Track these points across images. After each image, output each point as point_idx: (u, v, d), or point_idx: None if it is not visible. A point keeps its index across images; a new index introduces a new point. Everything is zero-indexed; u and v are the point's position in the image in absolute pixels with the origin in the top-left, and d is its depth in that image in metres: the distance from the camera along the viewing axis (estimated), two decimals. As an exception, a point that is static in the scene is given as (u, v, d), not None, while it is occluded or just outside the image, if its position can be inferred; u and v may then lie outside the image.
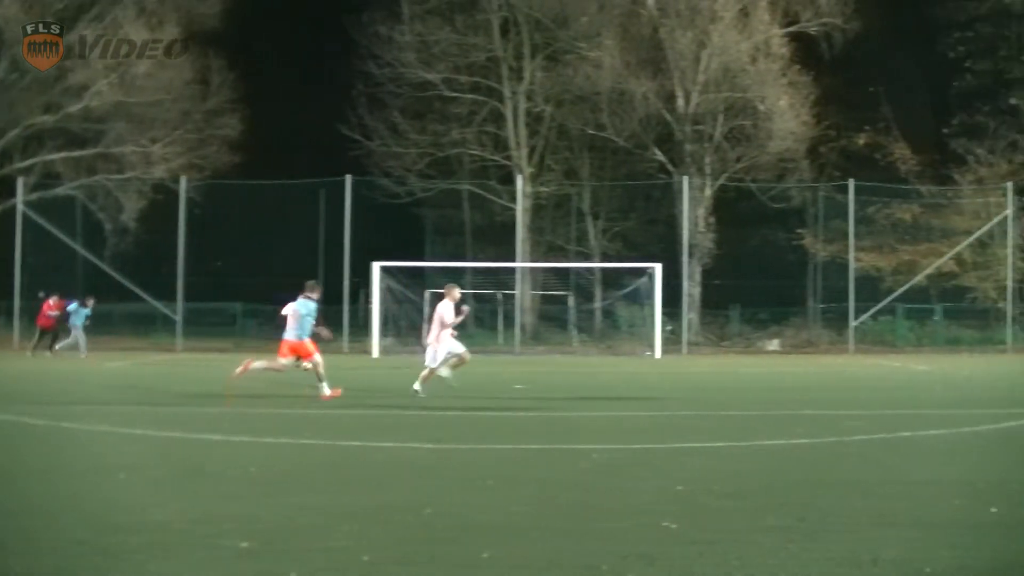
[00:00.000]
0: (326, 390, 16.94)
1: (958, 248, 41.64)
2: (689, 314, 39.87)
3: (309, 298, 17.37)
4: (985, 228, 41.56)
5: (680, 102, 41.01)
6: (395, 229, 44.16)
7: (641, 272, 37.61)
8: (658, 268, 36.10)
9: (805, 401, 18.44)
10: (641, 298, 38.00)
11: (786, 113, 40.17)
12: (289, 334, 17.23)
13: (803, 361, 34.09)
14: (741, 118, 41.09)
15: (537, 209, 43.22)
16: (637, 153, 42.01)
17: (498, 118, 42.68)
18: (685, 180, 39.69)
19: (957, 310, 42.39)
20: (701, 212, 41.06)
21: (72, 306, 32.06)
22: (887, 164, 43.76)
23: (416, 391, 17.27)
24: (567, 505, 8.22)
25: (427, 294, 40.00)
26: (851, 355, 37.62)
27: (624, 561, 6.23)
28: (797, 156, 41.47)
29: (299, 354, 17.26)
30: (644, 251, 40.68)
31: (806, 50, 42.14)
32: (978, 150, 43.06)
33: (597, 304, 43.18)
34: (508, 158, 42.43)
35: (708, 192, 41.45)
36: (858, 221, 40.84)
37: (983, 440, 12.98)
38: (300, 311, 17.19)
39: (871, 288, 40.90)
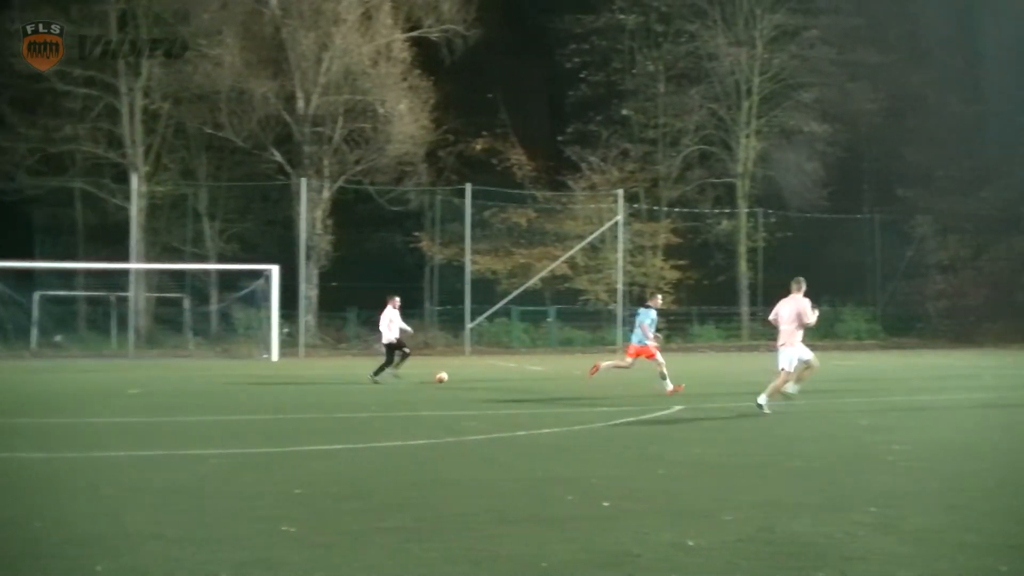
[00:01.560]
0: (669, 386, 21.12)
1: (571, 252, 49.00)
2: (306, 316, 44.32)
3: (649, 307, 22.09)
4: (597, 233, 49.24)
5: (300, 103, 45.64)
6: (1, 228, 44.49)
7: (258, 274, 41.47)
8: (275, 270, 40.21)
9: (422, 402, 20.23)
10: (258, 300, 41.72)
11: (406, 117, 45.59)
12: (634, 338, 22.03)
13: (421, 363, 36.09)
14: (361, 121, 46.13)
15: (152, 209, 46.56)
16: (256, 154, 46.26)
17: (113, 114, 45.31)
18: (303, 182, 44.45)
19: (570, 312, 49.13)
20: (319, 214, 45.85)
21: None
22: (504, 169, 50.53)
23: (760, 406, 17.31)
24: (185, 512, 8.84)
25: (36, 296, 43.42)
26: (467, 356, 42.67)
27: (244, 567, 6.83)
28: (416, 160, 47.23)
29: (643, 355, 21.76)
30: (261, 253, 44.48)
31: (427, 55, 47.66)
32: (591, 158, 50.64)
33: (213, 306, 46.84)
34: (123, 156, 45.30)
35: (326, 194, 46.26)
36: (475, 225, 47.19)
37: (596, 437, 14.75)
38: (643, 319, 21.78)
39: (487, 290, 47.23)
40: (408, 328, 28.56)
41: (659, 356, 21.49)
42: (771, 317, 18.25)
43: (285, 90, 45.96)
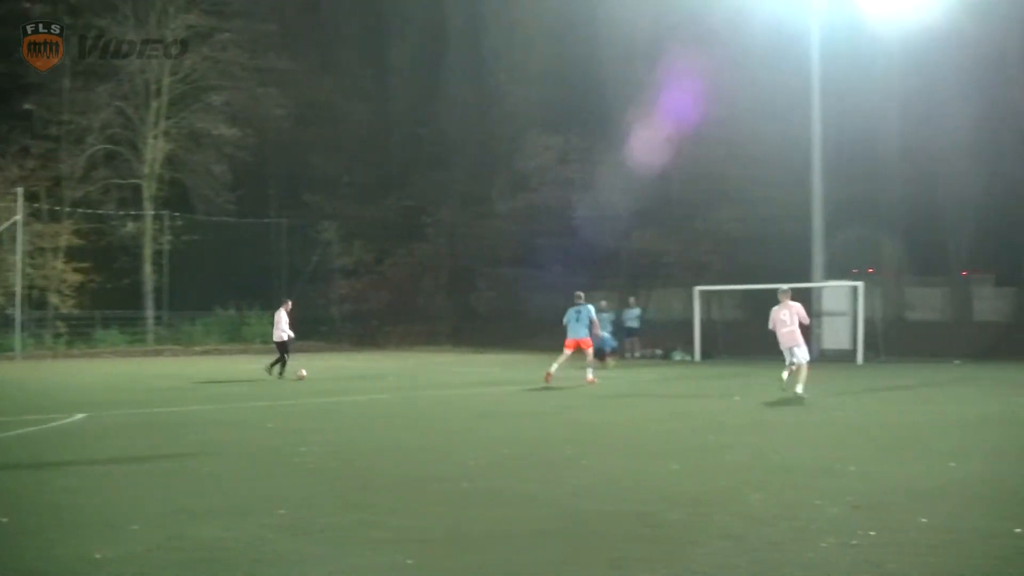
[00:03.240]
0: (590, 375, 26.94)
1: (-42, 255, 49.73)
2: None
3: (583, 304, 27.43)
4: (-7, 234, 50.53)
5: None
6: None
7: None
8: None
9: None
10: None
11: None
12: (574, 332, 27.18)
13: None
14: None
15: None
16: None
17: None
18: None
19: (-33, 317, 49.66)
20: None
21: None
22: None
23: (799, 395, 21.63)
24: None
25: None
26: None
27: None
28: None
29: (581, 347, 27.28)
30: None
31: None
32: (-11, 154, 51.26)
33: None
34: None
35: None
36: None
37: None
38: (591, 314, 27.24)
39: None
40: (291, 333, 32.66)
41: (591, 350, 27.82)
42: (771, 327, 22.79)
43: None
